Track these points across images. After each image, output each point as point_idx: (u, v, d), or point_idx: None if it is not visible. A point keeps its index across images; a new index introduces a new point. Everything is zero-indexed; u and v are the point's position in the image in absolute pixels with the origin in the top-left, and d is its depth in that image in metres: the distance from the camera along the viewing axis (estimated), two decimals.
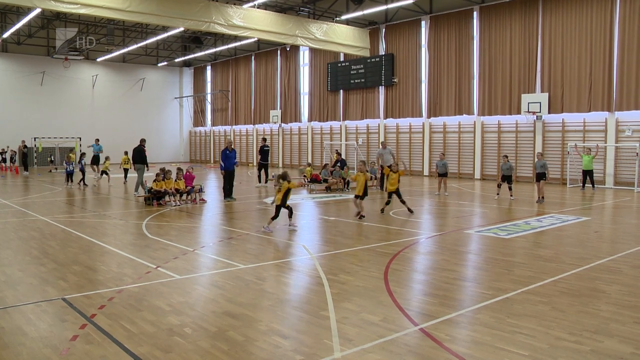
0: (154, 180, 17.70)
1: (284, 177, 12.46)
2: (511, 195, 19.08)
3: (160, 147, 50.65)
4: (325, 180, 22.39)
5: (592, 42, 24.99)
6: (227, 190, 18.83)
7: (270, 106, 43.08)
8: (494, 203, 17.77)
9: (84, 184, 24.22)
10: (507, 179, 19.02)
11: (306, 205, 18.04)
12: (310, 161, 37.62)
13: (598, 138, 25.36)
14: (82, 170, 24.89)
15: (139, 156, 21.03)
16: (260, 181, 24.61)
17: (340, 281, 7.90)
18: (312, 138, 39.96)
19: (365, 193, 14.61)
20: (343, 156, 32.23)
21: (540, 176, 18.36)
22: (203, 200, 18.21)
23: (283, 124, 41.94)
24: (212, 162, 49.89)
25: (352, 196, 19.25)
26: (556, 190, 22.64)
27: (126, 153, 26.64)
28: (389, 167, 15.96)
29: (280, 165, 42.16)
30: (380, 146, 24.03)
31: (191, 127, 53.57)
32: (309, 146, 40.21)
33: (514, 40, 27.74)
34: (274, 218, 12.40)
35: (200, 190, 18.50)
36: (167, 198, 17.43)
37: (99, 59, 46.06)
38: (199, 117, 52.37)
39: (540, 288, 7.60)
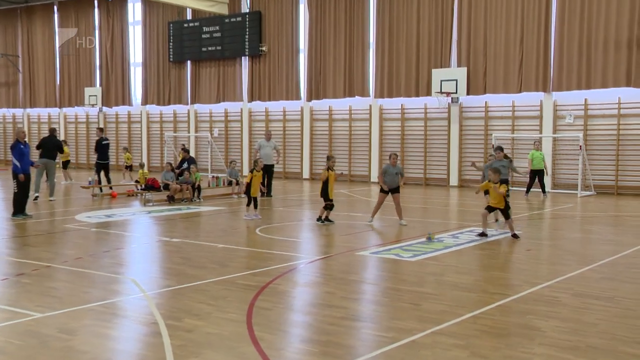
0: None
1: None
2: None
3: None
4: (167, 187, 22.05)
5: (525, 4, 26.39)
6: (20, 204, 18.04)
7: (86, 82, 41.76)
8: (395, 215, 18.22)
9: None
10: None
11: (139, 222, 17.67)
12: (144, 161, 36.89)
13: (531, 126, 26.85)
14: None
15: (55, 149, 22.20)
16: (102, 190, 24.04)
17: (185, 328, 7.78)
18: (148, 128, 39.33)
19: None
20: (192, 153, 31.95)
21: (396, 188, 16.61)
22: None
23: (105, 108, 40.90)
24: None
25: (205, 208, 19.14)
26: (479, 197, 23.57)
27: None
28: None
29: None
30: (264, 137, 24.36)
31: None
32: (143, 139, 39.53)
33: (423, 0, 28.76)
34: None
35: None
36: None
37: None
38: None
39: (456, 327, 7.85)
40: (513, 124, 27.26)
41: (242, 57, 34.62)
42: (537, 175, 23.91)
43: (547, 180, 25.61)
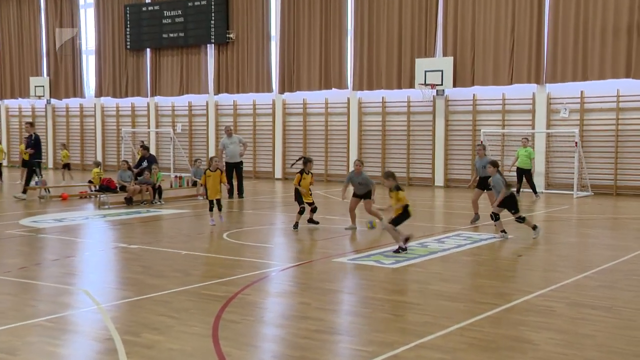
0: None
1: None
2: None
3: None
4: (124, 188, 21.94)
5: None
6: None
7: (31, 71, 41.46)
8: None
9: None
10: (484, 184, 17.13)
11: (93, 227, 17.58)
12: (99, 159, 36.66)
13: (523, 121, 26.98)
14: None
15: None
16: (49, 191, 23.89)
17: (144, 344, 7.74)
18: (103, 123, 39.09)
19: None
20: (152, 151, 31.80)
21: (368, 194, 16.33)
22: None
23: (54, 100, 40.64)
24: None
25: (167, 211, 19.02)
26: (466, 198, 23.68)
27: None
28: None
29: (51, 165, 40.63)
30: (225, 134, 24.15)
31: None
32: (97, 135, 39.28)
33: None
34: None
35: None
36: None
37: None
38: None
39: (442, 339, 7.87)
40: (503, 119, 27.37)
41: (208, 45, 34.49)
42: (523, 174, 23.93)
43: (541, 179, 25.70)
